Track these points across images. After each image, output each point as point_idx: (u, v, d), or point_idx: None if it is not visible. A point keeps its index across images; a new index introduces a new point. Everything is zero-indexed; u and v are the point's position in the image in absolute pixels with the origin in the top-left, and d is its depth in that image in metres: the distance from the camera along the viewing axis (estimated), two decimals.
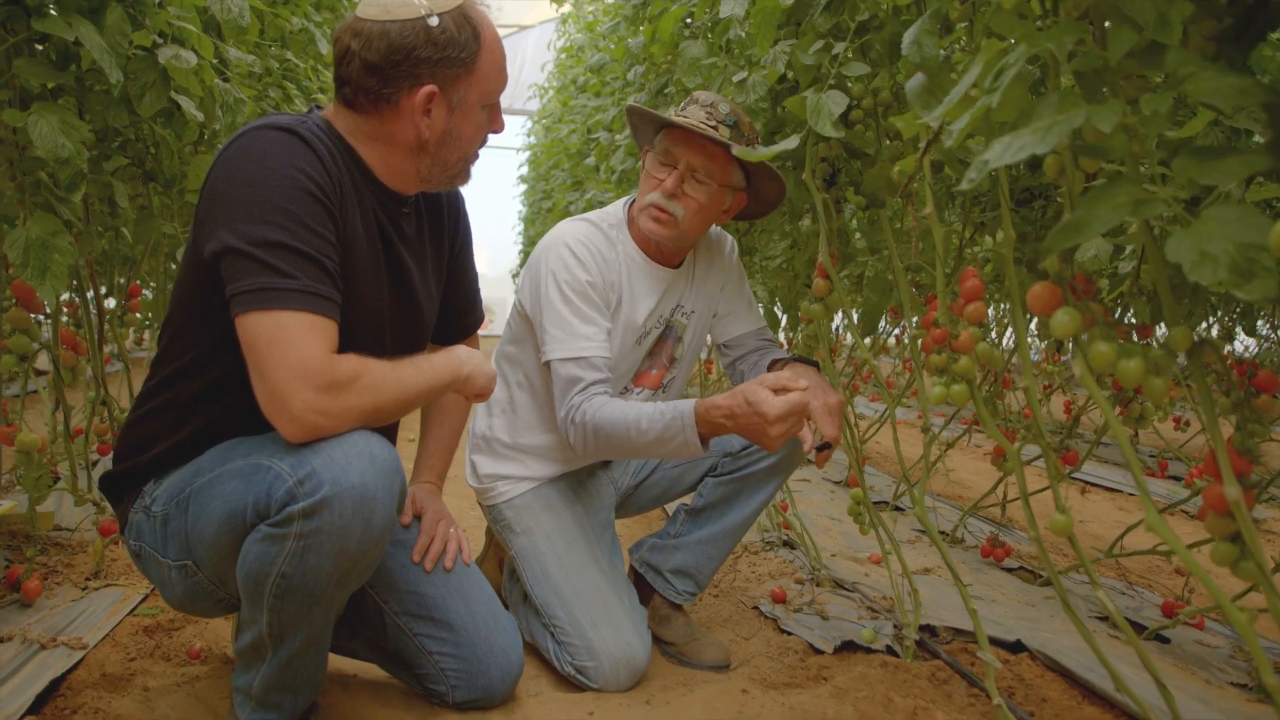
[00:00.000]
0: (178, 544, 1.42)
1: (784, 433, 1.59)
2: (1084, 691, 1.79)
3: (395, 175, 1.48)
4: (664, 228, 1.85)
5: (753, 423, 1.59)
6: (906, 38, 1.35)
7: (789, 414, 1.57)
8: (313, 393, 1.24)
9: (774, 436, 1.59)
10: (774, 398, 1.57)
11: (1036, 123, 1.08)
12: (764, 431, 1.59)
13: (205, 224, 1.32)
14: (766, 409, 1.56)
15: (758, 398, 1.58)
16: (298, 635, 1.36)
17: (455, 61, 1.40)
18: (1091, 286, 1.27)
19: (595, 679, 1.78)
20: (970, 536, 2.95)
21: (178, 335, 1.45)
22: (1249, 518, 1.10)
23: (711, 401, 1.65)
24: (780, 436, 1.59)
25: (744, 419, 1.60)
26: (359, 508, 1.26)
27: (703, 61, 2.48)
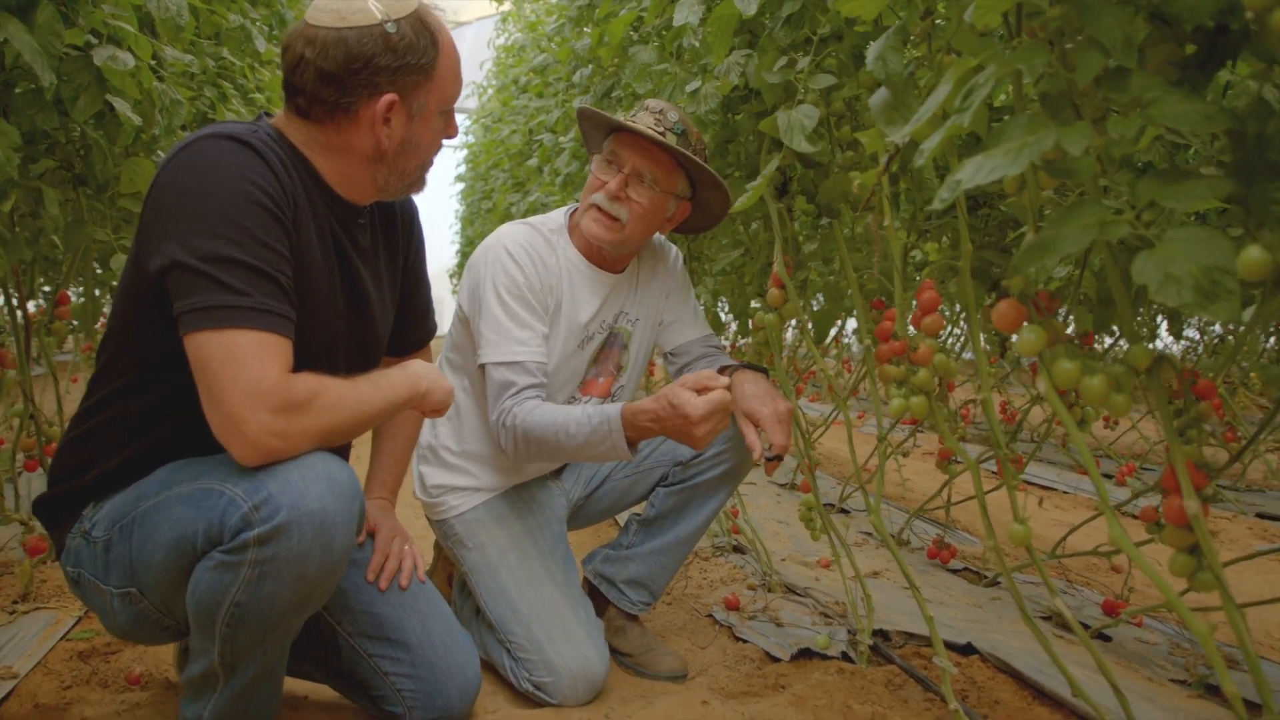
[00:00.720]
0: (121, 571, 1.35)
1: (709, 431, 1.61)
2: (1034, 692, 1.83)
3: (350, 186, 1.44)
4: (606, 231, 1.84)
5: (677, 424, 1.61)
6: (871, 53, 1.35)
7: (712, 413, 1.59)
8: (268, 415, 1.19)
9: (699, 436, 1.61)
10: (696, 398, 1.59)
11: (1007, 144, 1.09)
12: (689, 432, 1.60)
13: (150, 237, 1.26)
14: (690, 410, 1.58)
15: (680, 399, 1.59)
16: (251, 665, 1.31)
17: (415, 69, 1.36)
18: (1054, 304, 1.29)
19: (554, 695, 1.76)
20: (915, 538, 3.00)
21: (118, 354, 1.39)
22: (1207, 532, 1.13)
23: (638, 405, 1.65)
24: (706, 436, 1.61)
25: (669, 421, 1.61)
26: (318, 533, 1.21)
27: (653, 67, 2.46)
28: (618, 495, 2.07)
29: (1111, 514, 1.15)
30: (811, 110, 1.67)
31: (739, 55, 1.91)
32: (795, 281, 2.48)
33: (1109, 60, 1.09)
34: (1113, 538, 1.14)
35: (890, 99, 1.36)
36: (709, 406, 1.56)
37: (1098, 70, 1.08)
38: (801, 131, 1.65)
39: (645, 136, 1.79)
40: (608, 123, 1.86)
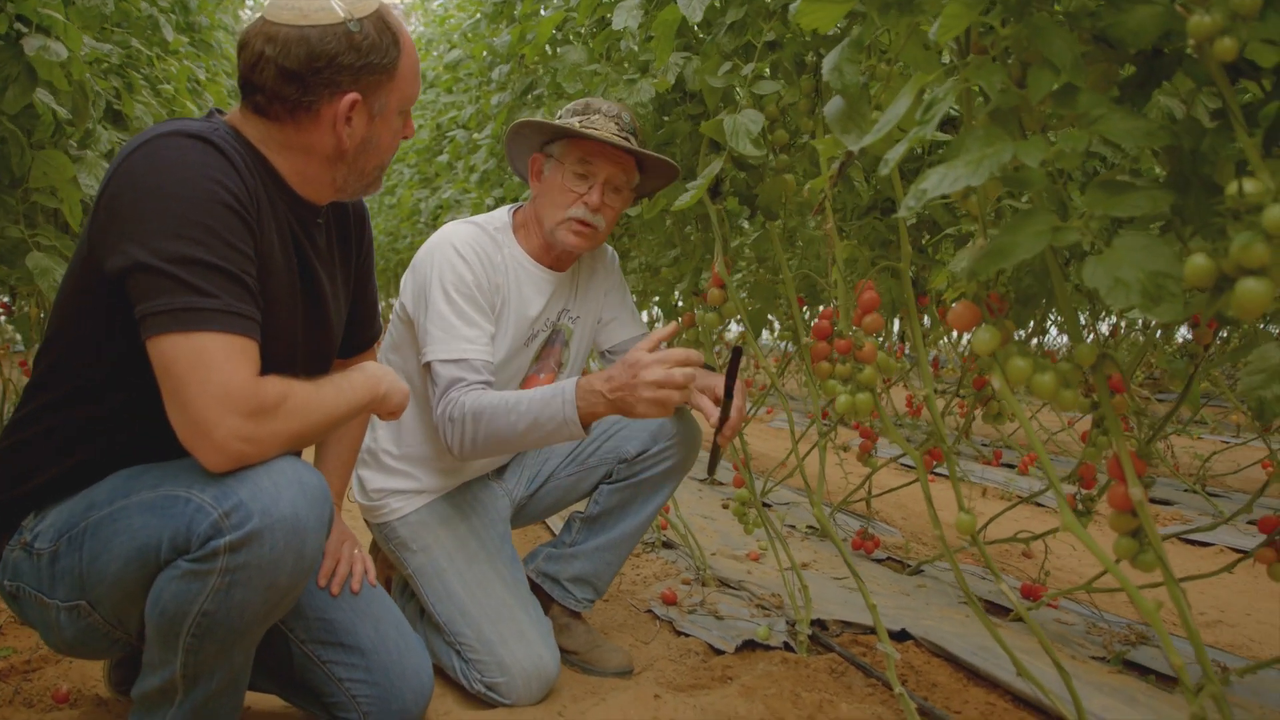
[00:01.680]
0: (69, 583, 1.30)
1: (655, 381, 1.55)
2: (968, 674, 1.92)
3: (309, 185, 1.41)
4: (587, 241, 1.86)
5: (627, 379, 1.57)
6: (827, 63, 1.40)
7: (661, 362, 1.56)
8: (238, 419, 1.16)
9: (646, 384, 1.55)
10: (649, 354, 1.59)
11: (966, 155, 1.15)
12: (637, 379, 1.56)
13: (106, 237, 1.21)
14: (642, 359, 1.57)
15: (633, 354, 1.59)
16: (215, 676, 1.28)
17: (377, 68, 1.35)
18: (1004, 304, 1.37)
19: (507, 695, 1.76)
20: (838, 529, 3.10)
21: (62, 360, 1.33)
22: (1149, 516, 1.21)
23: (593, 374, 1.66)
24: (652, 394, 1.55)
25: (619, 380, 1.58)
26: (291, 539, 1.19)
27: (583, 67, 2.48)
28: (560, 493, 2.08)
29: (1064, 502, 1.23)
30: (756, 115, 1.71)
31: (678, 57, 1.95)
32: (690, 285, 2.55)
33: (1059, 78, 1.17)
34: (1065, 523, 1.21)
35: (846, 108, 1.42)
36: (659, 356, 1.56)
37: (1049, 88, 1.15)
38: (747, 135, 1.70)
39: (623, 148, 1.82)
40: (566, 133, 1.84)
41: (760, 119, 1.70)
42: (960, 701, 1.82)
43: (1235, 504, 3.55)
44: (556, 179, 1.86)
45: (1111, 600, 2.49)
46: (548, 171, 1.89)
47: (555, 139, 1.89)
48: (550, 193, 1.87)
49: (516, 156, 1.99)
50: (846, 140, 1.40)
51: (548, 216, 1.87)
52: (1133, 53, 1.16)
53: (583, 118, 1.84)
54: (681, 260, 2.32)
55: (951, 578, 2.62)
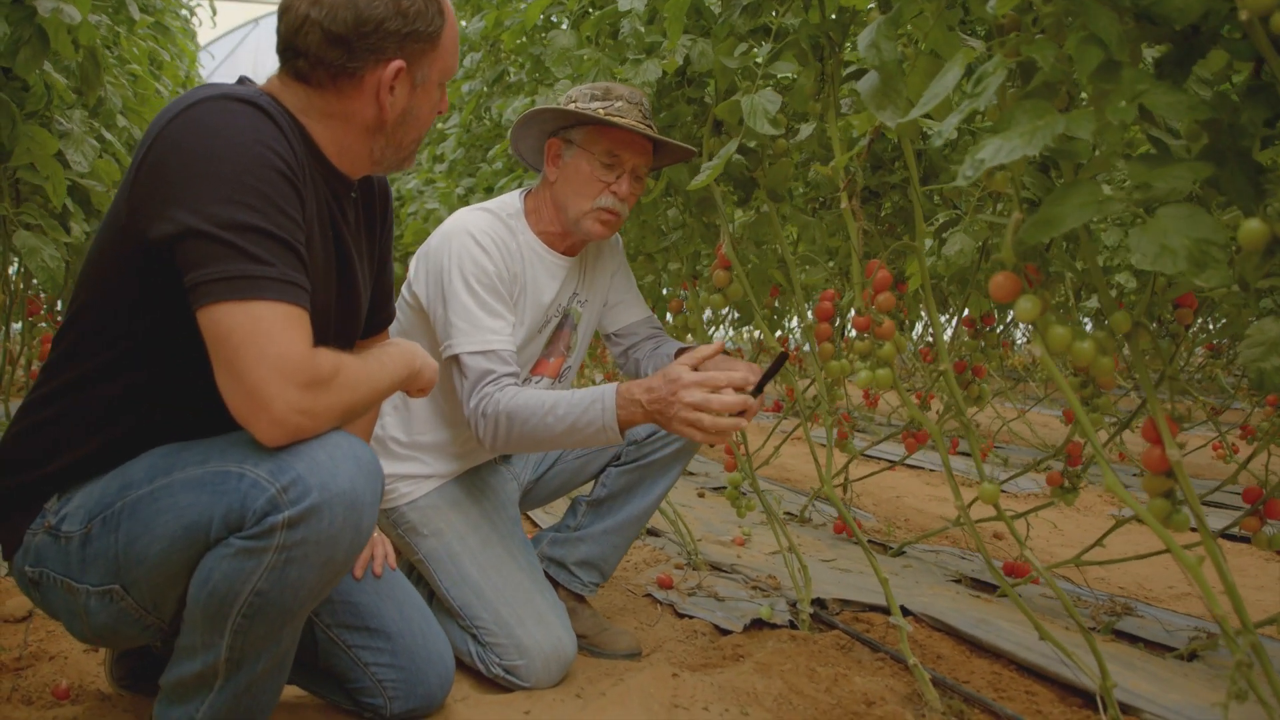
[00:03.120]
0: (102, 567, 1.24)
1: (692, 404, 1.54)
2: (970, 646, 1.97)
3: (346, 157, 1.38)
4: (610, 229, 1.87)
5: (667, 393, 1.56)
6: (863, 40, 1.42)
7: (704, 384, 1.55)
8: (296, 391, 1.13)
9: (685, 403, 1.54)
10: (690, 371, 1.58)
11: (1018, 127, 1.19)
12: (675, 398, 1.55)
13: (150, 204, 1.17)
14: (683, 376, 1.55)
15: (674, 370, 1.58)
16: (261, 658, 1.24)
17: (422, 36, 1.33)
18: (1040, 275, 1.41)
19: (527, 678, 1.75)
20: (816, 515, 3.15)
21: (92, 333, 1.27)
22: (1187, 476, 1.26)
23: (634, 382, 1.65)
24: (689, 407, 1.54)
25: (659, 391, 1.57)
26: (349, 514, 1.17)
27: (573, 51, 2.47)
28: (568, 476, 2.08)
29: (1107, 468, 1.27)
30: (774, 96, 1.73)
31: (685, 39, 1.96)
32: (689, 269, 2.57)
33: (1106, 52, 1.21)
34: (1109, 485, 1.25)
35: (881, 85, 1.44)
36: (700, 377, 1.55)
37: (1097, 63, 1.19)
38: (765, 115, 1.72)
39: (654, 139, 1.82)
40: (600, 124, 1.82)
41: (778, 99, 1.72)
42: (966, 672, 1.87)
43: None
44: (582, 167, 1.84)
45: (1087, 575, 2.58)
46: (569, 157, 1.86)
47: (577, 125, 1.87)
48: (574, 181, 1.84)
49: (523, 139, 1.95)
50: (883, 115, 1.43)
51: (572, 205, 1.85)
52: (1176, 30, 1.22)
53: (605, 104, 1.82)
54: (680, 244, 2.33)
55: (934, 558, 2.69)
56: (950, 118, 1.24)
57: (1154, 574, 2.66)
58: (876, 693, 1.73)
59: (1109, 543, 2.65)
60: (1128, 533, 3.11)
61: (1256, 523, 1.90)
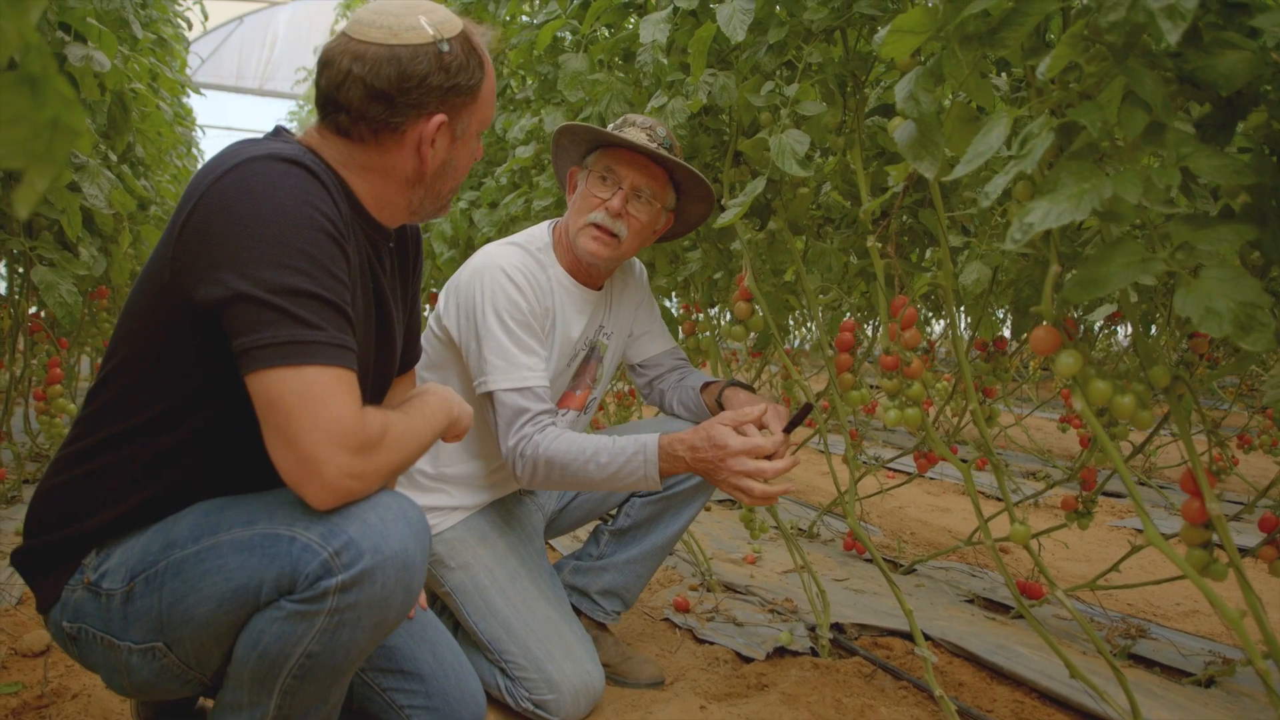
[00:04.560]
0: (145, 625, 1.24)
1: (743, 472, 1.58)
2: (991, 673, 2.00)
3: (385, 208, 1.37)
4: (605, 248, 1.84)
5: (712, 456, 1.60)
6: (900, 92, 1.43)
7: (749, 452, 1.58)
8: (348, 456, 1.13)
9: (733, 471, 1.58)
10: (735, 435, 1.60)
11: (1064, 190, 1.20)
12: (722, 465, 1.59)
13: (196, 265, 1.16)
14: (729, 441, 1.58)
15: (718, 433, 1.60)
16: (308, 715, 1.24)
17: (463, 89, 1.32)
18: (1078, 328, 1.43)
19: (556, 711, 1.76)
20: (824, 531, 3.17)
21: (134, 389, 1.26)
22: (1228, 529, 1.28)
23: (674, 435, 1.66)
24: (739, 475, 1.58)
25: (703, 452, 1.61)
26: (400, 575, 1.17)
27: (586, 76, 2.47)
28: (591, 506, 2.08)
29: (1148, 521, 1.28)
30: (801, 136, 1.73)
31: (707, 75, 1.96)
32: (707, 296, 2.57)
33: (1151, 115, 1.22)
34: (1149, 538, 1.27)
35: (918, 136, 1.45)
36: (747, 445, 1.57)
37: (1142, 126, 1.20)
38: (793, 156, 1.72)
39: (646, 152, 1.80)
40: (603, 139, 1.84)
41: (806, 139, 1.72)
42: (989, 700, 1.89)
43: (1180, 496, 3.75)
44: (584, 187, 1.86)
45: (1104, 597, 2.61)
46: (580, 183, 1.89)
47: (591, 151, 1.88)
48: (576, 201, 1.87)
49: (560, 169, 1.98)
50: (920, 167, 1.44)
51: (571, 225, 1.87)
52: (1223, 95, 1.23)
53: (615, 126, 1.85)
54: (697, 273, 2.33)
55: (946, 576, 2.71)
56: (997, 179, 1.24)
57: (1161, 590, 2.70)
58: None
59: (1111, 556, 2.69)
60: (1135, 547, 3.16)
61: (1274, 551, 1.94)
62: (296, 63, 7.85)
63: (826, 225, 2.70)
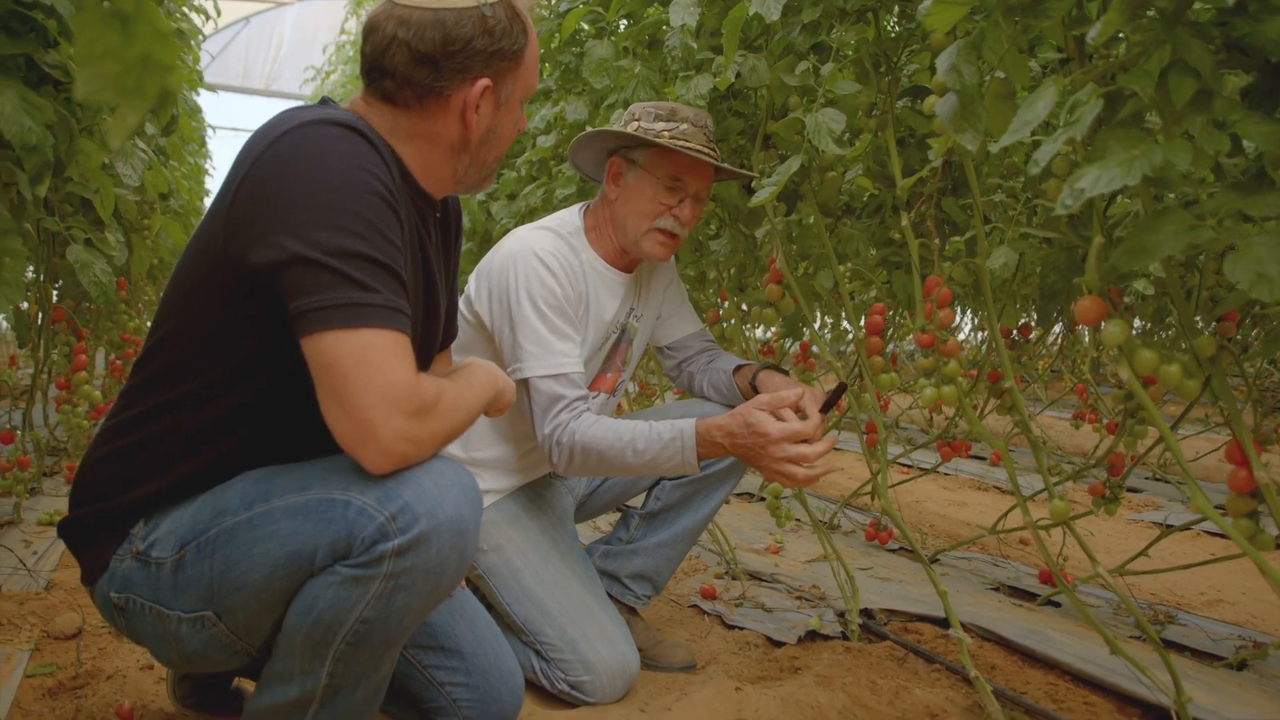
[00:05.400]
0: (195, 593, 1.24)
1: (786, 458, 1.58)
2: (1022, 657, 1.99)
3: (431, 177, 1.38)
4: (670, 250, 1.88)
5: (751, 443, 1.60)
6: (942, 63, 1.43)
7: (790, 438, 1.58)
8: (404, 419, 1.13)
9: (774, 458, 1.59)
10: (774, 420, 1.60)
11: (1115, 157, 1.20)
12: (763, 452, 1.59)
13: (251, 229, 1.16)
14: (768, 429, 1.58)
15: (757, 419, 1.59)
16: (360, 684, 1.23)
17: (507, 54, 1.33)
18: (1122, 299, 1.43)
19: (592, 693, 1.76)
20: (846, 522, 3.17)
21: (184, 357, 1.26)
22: (1275, 496, 1.28)
23: (711, 421, 1.65)
24: (778, 463, 1.59)
25: (741, 438, 1.61)
26: (455, 541, 1.17)
27: (612, 63, 2.47)
28: (621, 489, 2.08)
29: (1196, 489, 1.28)
30: (837, 114, 1.74)
31: (736, 56, 1.96)
32: (734, 283, 2.58)
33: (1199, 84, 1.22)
34: (1198, 506, 1.27)
35: (960, 108, 1.45)
36: (786, 430, 1.57)
37: (1191, 93, 1.21)
38: (830, 134, 1.73)
39: (721, 169, 1.85)
40: (683, 159, 1.82)
41: (842, 117, 1.72)
42: (1022, 682, 1.89)
43: None
44: (645, 188, 1.84)
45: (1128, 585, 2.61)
46: (631, 179, 1.86)
47: (640, 145, 1.86)
48: (635, 201, 1.85)
49: (581, 153, 1.95)
50: (963, 139, 1.44)
51: (631, 225, 1.86)
52: (1272, 60, 1.23)
53: (670, 125, 1.82)
54: (724, 258, 2.33)
55: (970, 566, 2.71)
56: (1046, 146, 1.24)
57: (1184, 580, 2.70)
58: (939, 705, 1.75)
59: (1131, 548, 2.69)
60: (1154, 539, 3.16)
61: None
62: (303, 63, 7.86)
63: (846, 216, 2.71)
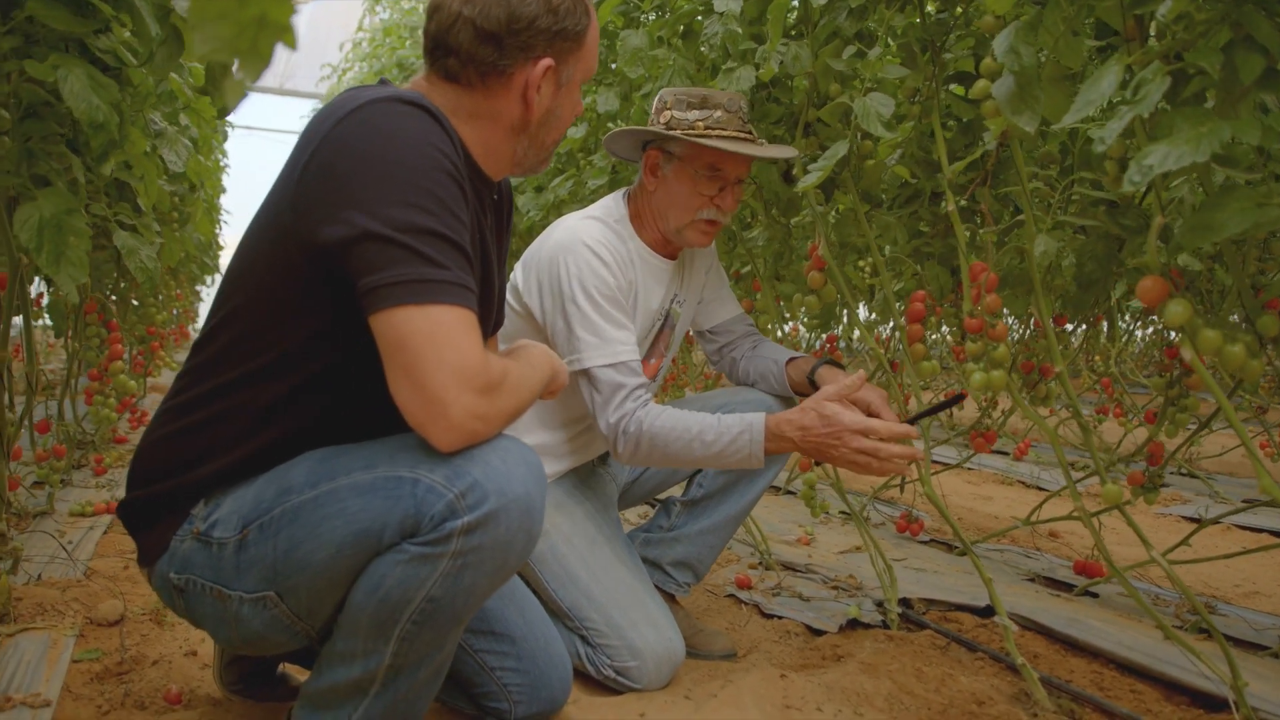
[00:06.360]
0: (258, 573, 1.23)
1: (862, 450, 1.58)
2: (1064, 645, 1.99)
3: (490, 158, 1.38)
4: (712, 238, 1.89)
5: (826, 435, 1.60)
6: (999, 44, 1.43)
7: (870, 431, 1.58)
8: (473, 396, 1.13)
9: (851, 449, 1.59)
10: (850, 412, 1.60)
11: (1181, 134, 1.19)
12: (841, 443, 1.59)
13: (319, 206, 1.16)
14: (846, 421, 1.59)
15: (831, 411, 1.60)
16: (423, 664, 1.23)
17: (569, 35, 1.33)
18: (1183, 279, 1.42)
19: (639, 679, 1.75)
20: (875, 514, 3.16)
21: (250, 334, 1.26)
22: None
23: (782, 416, 1.65)
24: (856, 452, 1.59)
25: (815, 432, 1.61)
26: (523, 519, 1.16)
27: (647, 52, 2.47)
28: (663, 477, 2.08)
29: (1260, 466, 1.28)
30: (885, 98, 1.74)
31: (779, 44, 1.96)
32: (770, 270, 2.57)
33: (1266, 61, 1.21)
34: (1265, 486, 1.26)
35: (1017, 90, 1.45)
36: (862, 424, 1.57)
37: (1259, 70, 1.20)
38: (879, 118, 1.72)
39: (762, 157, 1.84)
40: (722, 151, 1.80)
41: (890, 101, 1.72)
42: (1065, 671, 1.88)
43: (1222, 485, 3.75)
44: (684, 180, 1.84)
45: (1151, 574, 2.60)
46: (668, 171, 1.85)
47: (664, 140, 1.85)
48: (675, 193, 1.85)
49: (617, 141, 1.95)
50: (1020, 120, 1.44)
51: (673, 217, 1.86)
52: None
53: (703, 114, 1.81)
54: (762, 245, 2.33)
55: (1002, 558, 2.70)
56: (1112, 124, 1.24)
57: (1219, 572, 2.68)
58: (984, 693, 1.74)
59: (1162, 542, 2.68)
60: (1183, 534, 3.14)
61: None
62: (318, 60, 7.87)
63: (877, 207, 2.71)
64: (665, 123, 1.83)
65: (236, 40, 0.69)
